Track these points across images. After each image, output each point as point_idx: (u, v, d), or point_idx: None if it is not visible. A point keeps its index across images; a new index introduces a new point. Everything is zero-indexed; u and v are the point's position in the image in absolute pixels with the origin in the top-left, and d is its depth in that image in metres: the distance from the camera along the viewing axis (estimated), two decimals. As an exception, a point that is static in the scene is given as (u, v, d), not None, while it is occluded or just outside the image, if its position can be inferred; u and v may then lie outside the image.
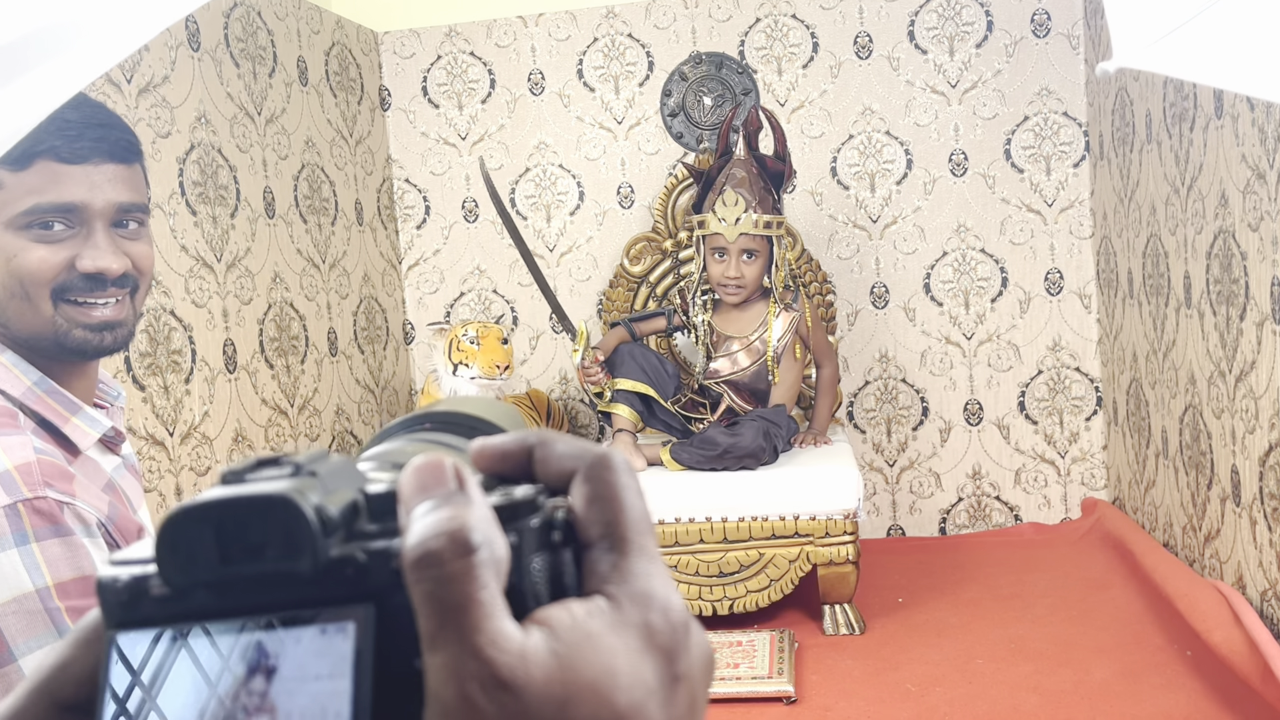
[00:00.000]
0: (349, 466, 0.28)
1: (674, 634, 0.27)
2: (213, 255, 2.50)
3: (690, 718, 0.27)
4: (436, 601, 0.25)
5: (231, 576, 0.26)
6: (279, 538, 0.25)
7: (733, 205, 2.68)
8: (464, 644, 0.24)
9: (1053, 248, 3.21)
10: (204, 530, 0.26)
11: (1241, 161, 2.09)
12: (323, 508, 0.26)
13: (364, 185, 3.27)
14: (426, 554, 0.25)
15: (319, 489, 0.26)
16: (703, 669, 0.28)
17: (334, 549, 0.26)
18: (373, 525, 0.27)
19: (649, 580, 0.27)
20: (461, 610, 0.24)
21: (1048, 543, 3.10)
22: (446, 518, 0.25)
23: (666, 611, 0.27)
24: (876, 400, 3.32)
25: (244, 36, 2.69)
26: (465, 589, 0.25)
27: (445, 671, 0.24)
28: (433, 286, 3.48)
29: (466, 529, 0.25)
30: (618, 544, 0.27)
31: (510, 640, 0.25)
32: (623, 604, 0.27)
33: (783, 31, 3.25)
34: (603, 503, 0.28)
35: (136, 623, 0.27)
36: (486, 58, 3.38)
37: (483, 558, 0.25)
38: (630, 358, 2.71)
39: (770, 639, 2.42)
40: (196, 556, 0.26)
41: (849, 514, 2.50)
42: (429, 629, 0.25)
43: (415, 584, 0.25)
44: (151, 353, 2.26)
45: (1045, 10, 3.14)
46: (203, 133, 2.49)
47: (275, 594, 0.26)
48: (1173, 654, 2.22)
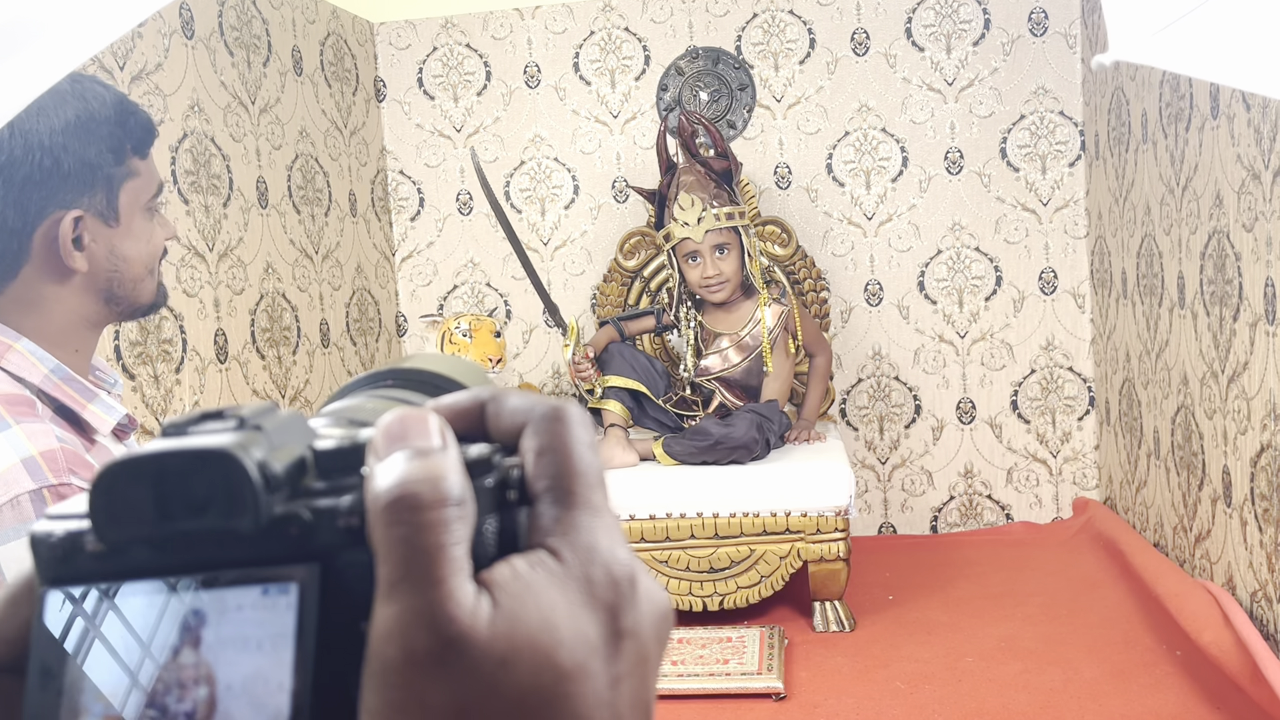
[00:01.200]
0: (298, 421, 0.27)
1: (617, 588, 0.26)
2: (205, 244, 2.49)
3: (638, 674, 0.26)
4: (407, 547, 0.24)
5: (170, 533, 0.25)
6: (220, 494, 0.24)
7: (690, 207, 2.68)
8: (422, 595, 0.23)
9: (1047, 247, 3.21)
10: (141, 485, 0.25)
11: (1237, 162, 2.09)
12: (266, 463, 0.25)
13: (358, 176, 3.26)
14: (409, 495, 0.24)
15: (264, 444, 0.25)
16: (653, 625, 0.27)
17: (278, 506, 0.25)
18: (320, 483, 0.26)
19: (592, 534, 0.26)
20: (431, 559, 0.24)
21: (1039, 542, 3.10)
22: (430, 465, 0.25)
23: (609, 565, 0.26)
24: (869, 398, 3.31)
25: (238, 25, 2.68)
26: (440, 538, 0.24)
27: (394, 624, 0.23)
28: (426, 279, 3.47)
29: (449, 480, 0.25)
30: (562, 496, 0.26)
31: (467, 597, 0.24)
32: (564, 557, 0.26)
33: (780, 27, 3.25)
34: (550, 454, 0.27)
35: (70, 579, 0.25)
36: (482, 50, 3.37)
37: (460, 513, 0.24)
38: (620, 356, 2.71)
39: (760, 635, 2.42)
40: (133, 512, 0.25)
41: (840, 511, 2.50)
42: (390, 576, 0.24)
43: (388, 525, 0.24)
44: (142, 341, 2.25)
45: (1043, 9, 3.14)
46: (196, 121, 2.47)
47: (215, 552, 0.25)
48: (1162, 654, 2.22)
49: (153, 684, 0.24)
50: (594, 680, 0.25)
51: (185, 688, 0.24)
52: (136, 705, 0.24)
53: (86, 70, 2.12)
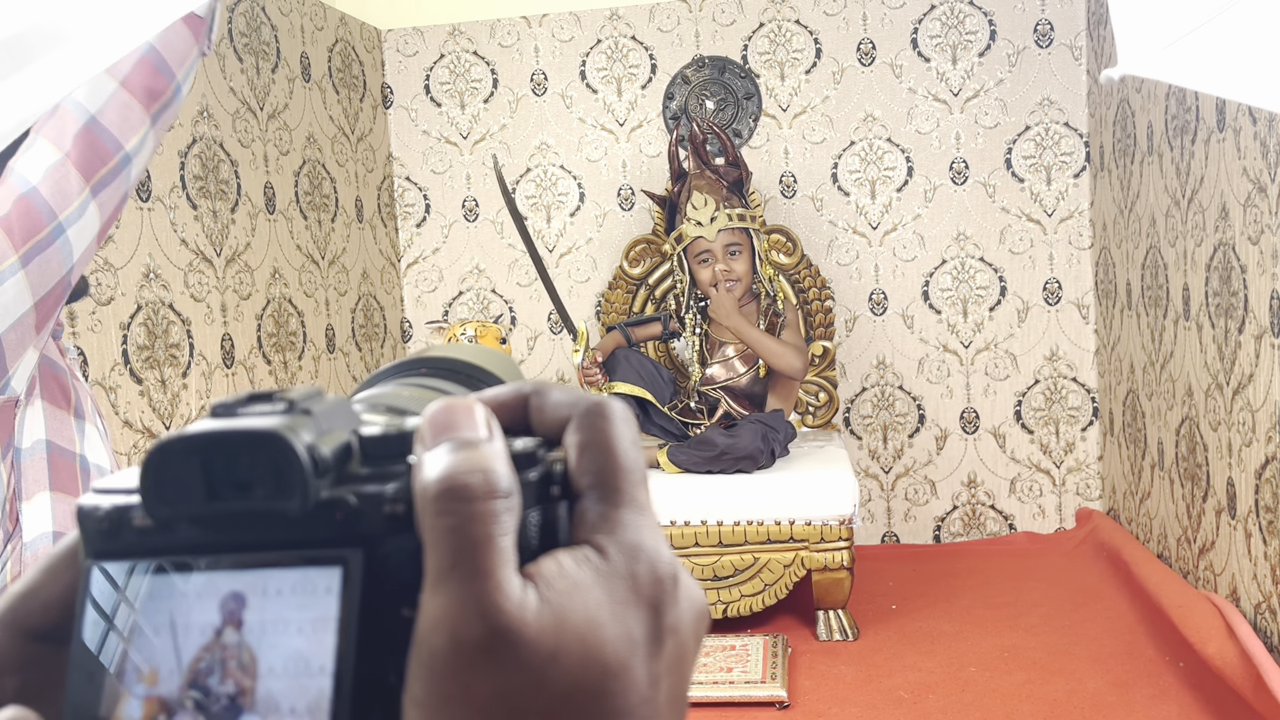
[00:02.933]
0: (344, 406, 0.27)
1: (661, 586, 0.26)
2: (212, 250, 2.50)
3: (677, 672, 0.26)
4: (457, 537, 0.24)
5: (217, 512, 0.25)
6: (268, 476, 0.25)
7: (703, 207, 2.70)
8: (471, 586, 0.23)
9: (1052, 258, 3.21)
10: (191, 463, 0.25)
11: (1242, 174, 2.10)
12: (315, 447, 0.25)
13: (365, 182, 3.27)
14: (459, 486, 0.24)
15: (312, 428, 0.25)
16: (693, 623, 0.27)
17: (324, 491, 0.25)
18: (366, 469, 0.26)
19: (638, 532, 0.26)
20: (480, 550, 0.24)
21: (1042, 552, 3.10)
22: (480, 456, 0.25)
23: (654, 563, 0.26)
24: (873, 407, 3.32)
25: (248, 32, 2.69)
26: (489, 529, 0.24)
27: (442, 614, 0.24)
28: (431, 285, 3.48)
29: (499, 472, 0.25)
30: (608, 494, 0.27)
31: (515, 589, 0.24)
32: (610, 554, 0.26)
33: (786, 37, 3.26)
34: (594, 450, 0.27)
35: (116, 553, 0.26)
36: (490, 57, 3.38)
37: (509, 505, 0.25)
38: (626, 362, 2.71)
39: (764, 644, 2.42)
40: (182, 489, 0.25)
41: (844, 520, 2.50)
42: (439, 566, 0.24)
43: (437, 515, 0.24)
44: (149, 346, 2.26)
45: (1048, 21, 3.15)
46: (204, 127, 2.48)
47: (262, 533, 0.25)
48: (1165, 665, 2.22)
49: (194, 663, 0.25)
50: (636, 677, 0.25)
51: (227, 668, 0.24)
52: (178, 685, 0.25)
53: (97, 76, 2.13)
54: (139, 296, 2.23)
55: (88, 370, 2.08)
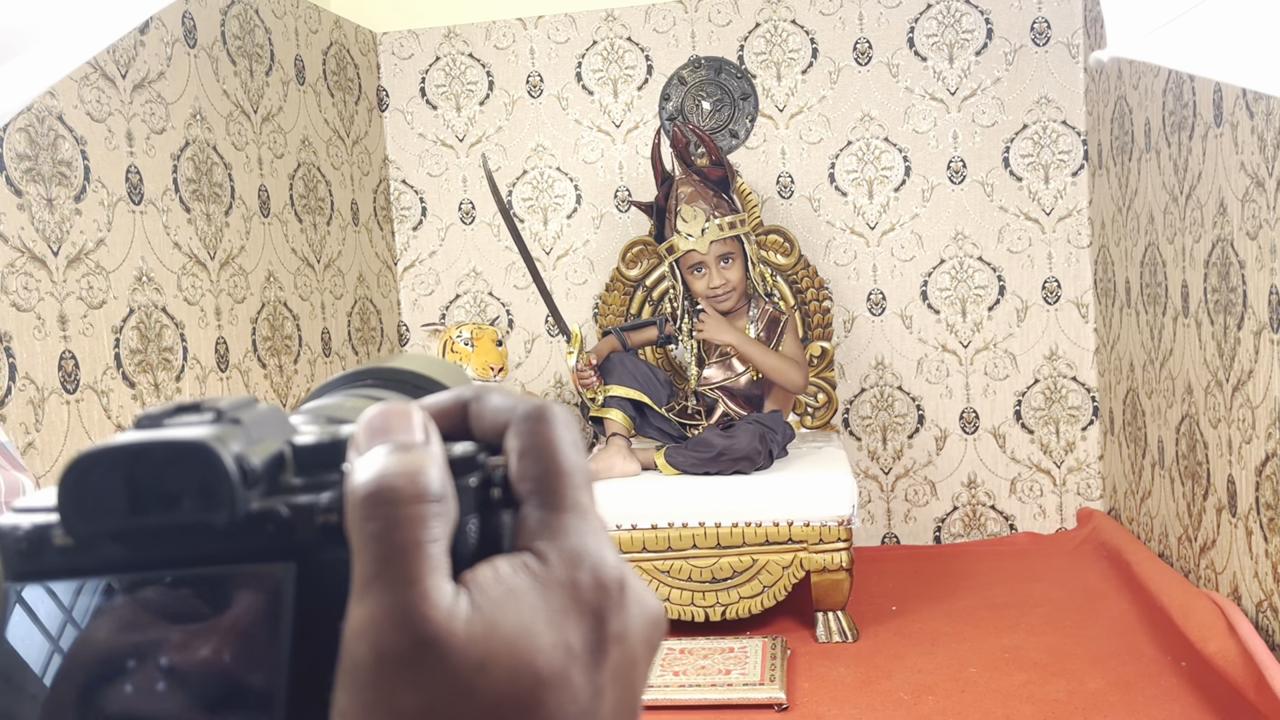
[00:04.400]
0: (277, 416, 0.27)
1: (604, 593, 0.25)
2: (206, 253, 2.49)
3: (624, 681, 0.25)
4: (382, 542, 0.23)
5: (142, 528, 0.24)
6: (194, 487, 0.24)
7: (693, 220, 2.68)
8: (396, 593, 0.23)
9: (1050, 256, 3.20)
10: (113, 476, 0.24)
11: (1240, 169, 2.08)
12: (244, 457, 0.24)
13: (360, 185, 3.26)
14: (384, 489, 0.23)
15: (242, 437, 0.25)
16: (643, 631, 0.26)
17: (254, 502, 0.24)
18: (299, 479, 0.25)
19: (580, 537, 0.25)
20: (406, 556, 0.23)
21: (1043, 552, 3.08)
22: (411, 460, 0.24)
23: (597, 569, 0.25)
24: (872, 407, 3.30)
25: (241, 34, 2.68)
26: (417, 534, 0.23)
27: (366, 622, 0.23)
28: (428, 288, 3.47)
29: (430, 475, 0.24)
30: (548, 499, 0.26)
31: (444, 597, 0.23)
32: (550, 561, 0.25)
33: (782, 37, 3.25)
34: (534, 455, 0.26)
35: (36, 574, 0.25)
36: (485, 59, 3.38)
37: (439, 510, 0.24)
38: (621, 365, 2.70)
39: (763, 646, 2.40)
40: (103, 505, 0.24)
41: (843, 521, 2.49)
42: (365, 573, 0.23)
43: (363, 520, 0.23)
44: (142, 350, 2.25)
45: (1045, 19, 3.14)
46: (198, 129, 2.48)
47: (189, 548, 0.24)
48: (1167, 665, 2.21)
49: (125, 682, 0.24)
50: (574, 689, 0.24)
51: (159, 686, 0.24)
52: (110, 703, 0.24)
53: (90, 80, 2.12)
54: (131, 300, 2.22)
55: (79, 374, 2.07)
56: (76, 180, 2.08)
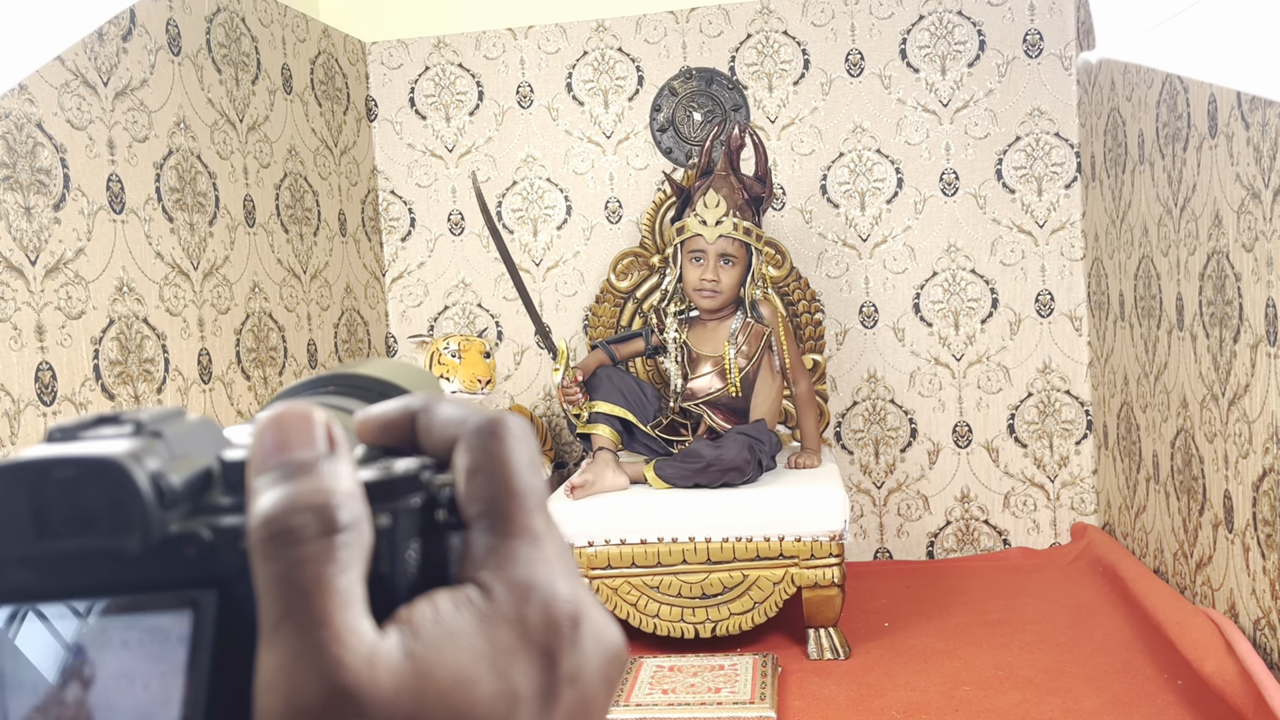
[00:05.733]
0: (206, 429, 0.24)
1: (555, 630, 0.23)
2: (189, 263, 2.45)
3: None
4: (286, 585, 0.20)
5: (49, 552, 0.22)
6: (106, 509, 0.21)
7: (714, 207, 2.65)
8: (305, 638, 0.20)
9: (1043, 269, 3.18)
10: (18, 496, 0.22)
11: (1236, 181, 2.06)
12: (162, 475, 0.22)
13: (348, 196, 3.23)
14: (285, 530, 0.21)
15: (161, 453, 0.22)
16: (600, 668, 0.24)
17: (173, 524, 0.22)
18: (227, 498, 0.23)
19: (530, 566, 0.23)
20: (312, 597, 0.20)
21: (1037, 568, 3.05)
22: (311, 489, 0.21)
23: (548, 603, 0.23)
24: (864, 421, 3.27)
25: (227, 42, 2.65)
26: (322, 571, 0.21)
27: (278, 672, 0.20)
28: (416, 300, 3.44)
29: (334, 505, 0.21)
30: (497, 522, 0.23)
31: (361, 639, 0.21)
32: (496, 594, 0.22)
33: (774, 48, 3.23)
34: (484, 474, 0.24)
35: None
36: (475, 70, 3.35)
37: (347, 539, 0.21)
38: (609, 381, 2.66)
39: (753, 663, 2.37)
40: (7, 526, 0.22)
41: (835, 536, 2.46)
42: (271, 617, 0.21)
43: (264, 561, 0.21)
44: (122, 361, 2.21)
45: (1038, 31, 3.13)
46: (181, 138, 2.44)
47: (102, 575, 0.22)
48: (1163, 683, 2.17)
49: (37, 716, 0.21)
50: None
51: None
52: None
53: (70, 87, 2.09)
54: (111, 310, 2.18)
55: (57, 386, 2.03)
56: (55, 189, 2.05)
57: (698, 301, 2.69)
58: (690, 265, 2.69)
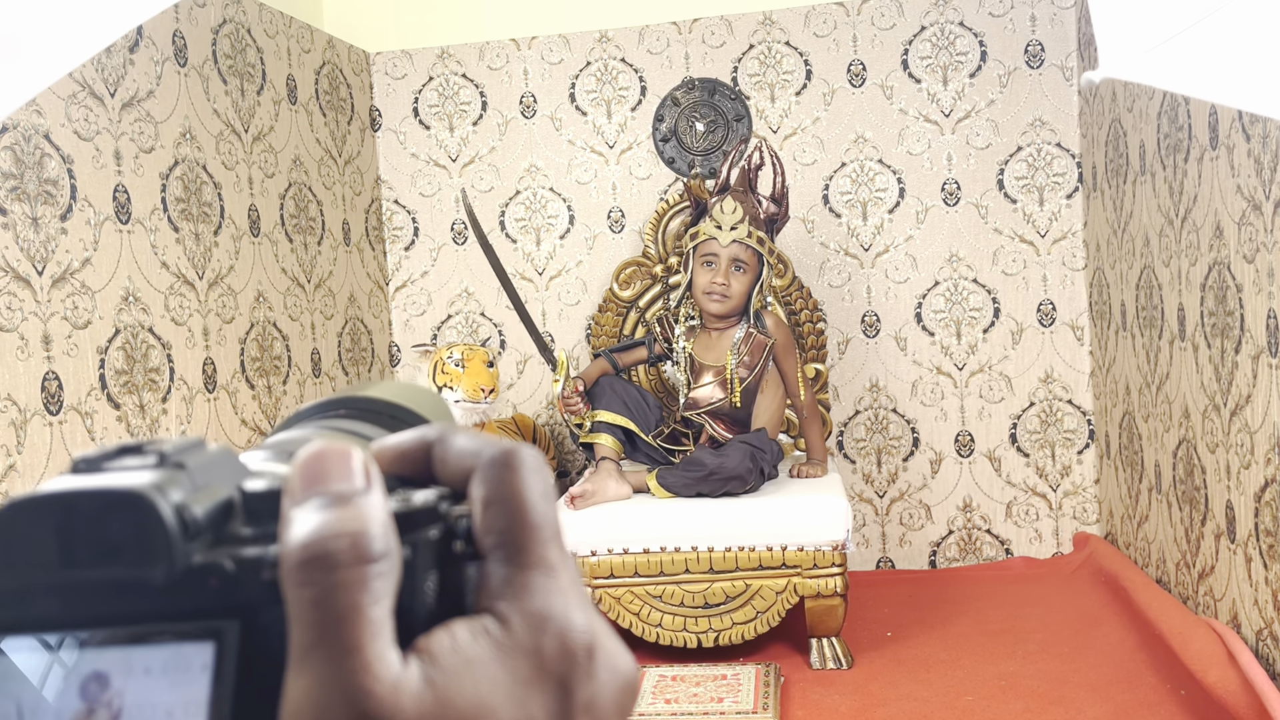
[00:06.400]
0: (227, 459, 0.25)
1: (571, 660, 0.23)
2: (194, 272, 2.47)
3: None
4: (320, 610, 0.21)
5: (75, 582, 0.22)
6: (131, 540, 0.22)
7: (730, 213, 2.66)
8: (336, 665, 0.21)
9: (1045, 279, 3.18)
10: (44, 526, 0.22)
11: (1237, 192, 2.07)
12: (185, 506, 0.22)
13: (352, 205, 3.24)
14: (322, 554, 0.21)
15: (185, 484, 0.23)
16: (614, 698, 0.24)
17: (197, 555, 0.22)
18: (248, 529, 0.23)
19: (546, 597, 0.24)
20: (345, 624, 0.21)
21: (1039, 577, 3.05)
22: (350, 516, 0.22)
23: (564, 634, 0.23)
24: (867, 430, 3.28)
25: (232, 53, 2.67)
26: (356, 599, 0.21)
27: (306, 698, 0.21)
28: (420, 308, 3.45)
29: (370, 534, 0.22)
30: (513, 554, 0.24)
31: (389, 668, 0.21)
32: (513, 625, 0.23)
33: (776, 59, 3.24)
34: (500, 506, 0.24)
35: None
36: (478, 80, 3.37)
37: (381, 569, 0.22)
38: (611, 390, 2.67)
39: (756, 673, 2.37)
40: (34, 556, 0.22)
41: (838, 545, 2.46)
42: (302, 643, 0.21)
43: (299, 587, 0.21)
44: (128, 370, 2.22)
45: (1039, 41, 3.14)
46: (187, 149, 2.46)
47: (126, 605, 0.22)
48: (1166, 693, 2.17)
49: None
50: None
51: None
52: None
53: (78, 98, 2.10)
54: (117, 320, 2.20)
55: (63, 395, 2.04)
56: (63, 199, 2.06)
57: (706, 305, 2.70)
58: (701, 269, 2.69)
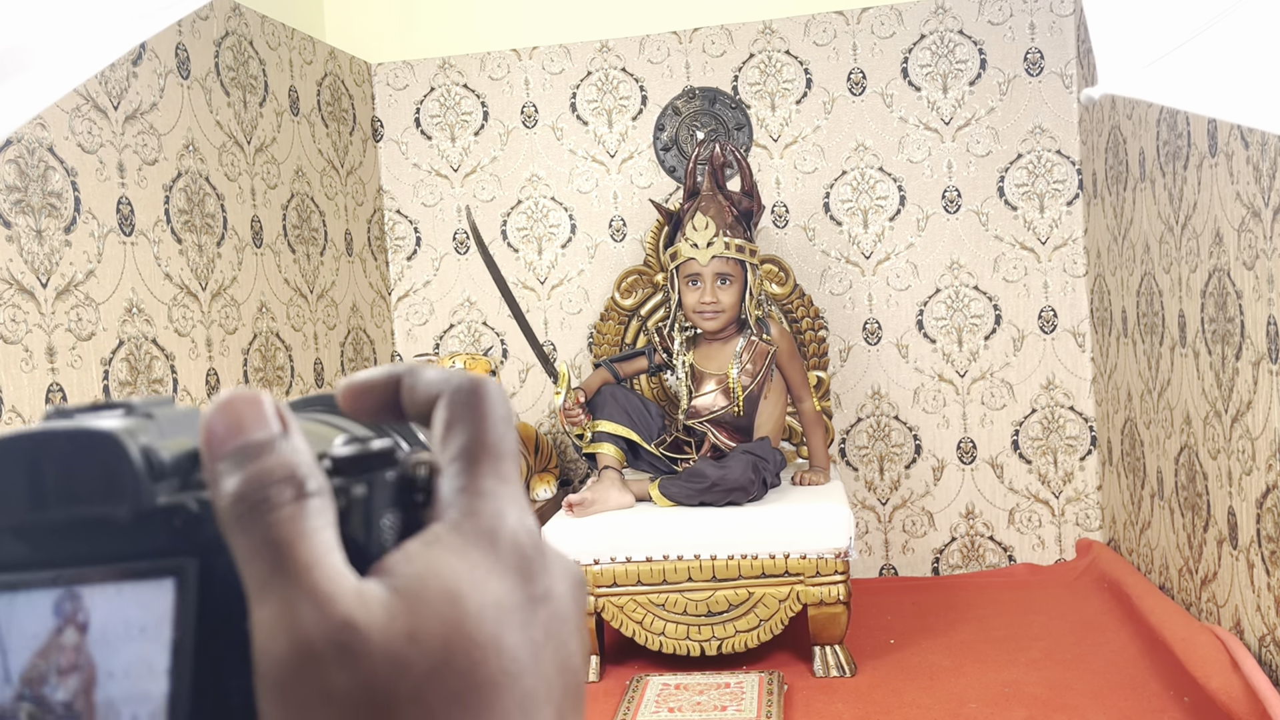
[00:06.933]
0: (195, 416, 0.26)
1: (524, 553, 0.24)
2: (197, 284, 2.47)
3: (557, 640, 0.24)
4: (267, 547, 0.22)
5: (44, 522, 0.23)
6: (98, 478, 0.23)
7: (702, 229, 2.66)
8: (297, 584, 0.22)
9: (1046, 285, 3.19)
10: (14, 469, 0.23)
11: (1236, 199, 2.08)
12: (152, 450, 0.23)
13: (354, 216, 3.25)
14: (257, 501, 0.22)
15: (152, 431, 0.24)
16: (569, 590, 0.25)
17: (162, 496, 0.23)
18: None
19: (499, 501, 0.25)
20: (295, 549, 0.22)
21: (1042, 584, 3.05)
22: (276, 464, 0.23)
23: (516, 532, 0.24)
24: (869, 437, 3.28)
25: (235, 65, 2.68)
26: (300, 527, 0.22)
27: (277, 621, 0.22)
28: (422, 318, 3.46)
29: (301, 474, 0.23)
30: (469, 465, 0.25)
31: (346, 579, 0.22)
32: (464, 525, 0.24)
33: (776, 67, 3.25)
34: (462, 425, 0.25)
35: None
36: (480, 90, 3.38)
37: (317, 504, 0.23)
38: (612, 399, 2.67)
39: (759, 681, 2.37)
40: (3, 498, 0.23)
41: (840, 553, 2.46)
42: (258, 578, 0.22)
43: (242, 533, 0.22)
44: (131, 381, 2.23)
45: (1038, 49, 3.15)
46: (190, 160, 2.47)
47: (93, 544, 0.23)
48: (1170, 700, 2.17)
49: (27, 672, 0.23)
50: (511, 648, 0.23)
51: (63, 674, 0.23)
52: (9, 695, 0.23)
53: (81, 111, 2.12)
54: (121, 331, 2.20)
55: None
56: (67, 211, 2.07)
57: (700, 324, 2.71)
58: (688, 289, 2.70)
